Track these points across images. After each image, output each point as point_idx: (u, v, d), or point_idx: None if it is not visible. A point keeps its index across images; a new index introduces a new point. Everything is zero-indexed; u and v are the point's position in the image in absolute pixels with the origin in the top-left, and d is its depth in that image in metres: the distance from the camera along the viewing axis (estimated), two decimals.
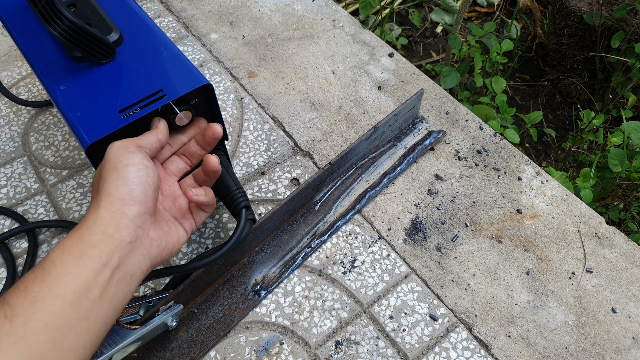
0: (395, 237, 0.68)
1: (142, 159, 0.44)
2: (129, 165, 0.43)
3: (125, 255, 0.40)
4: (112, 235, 0.39)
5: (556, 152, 1.31)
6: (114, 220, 0.40)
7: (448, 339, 0.60)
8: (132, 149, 0.45)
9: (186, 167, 0.53)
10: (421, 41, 1.59)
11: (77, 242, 0.38)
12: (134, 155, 0.44)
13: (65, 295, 0.36)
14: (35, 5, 0.48)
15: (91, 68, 0.54)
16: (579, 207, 0.71)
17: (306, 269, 0.65)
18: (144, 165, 0.44)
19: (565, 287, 0.64)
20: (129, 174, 0.42)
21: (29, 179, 0.74)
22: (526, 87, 1.48)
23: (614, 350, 0.59)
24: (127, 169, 0.42)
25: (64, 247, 0.38)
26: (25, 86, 0.85)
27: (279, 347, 0.59)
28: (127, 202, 0.41)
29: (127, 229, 0.40)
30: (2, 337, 0.33)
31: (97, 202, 0.41)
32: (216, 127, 0.51)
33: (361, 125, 0.80)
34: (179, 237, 0.47)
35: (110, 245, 0.39)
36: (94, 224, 0.40)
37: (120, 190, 0.41)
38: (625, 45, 1.25)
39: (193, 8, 0.98)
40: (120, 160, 0.43)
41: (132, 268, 0.40)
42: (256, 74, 0.87)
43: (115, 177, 0.42)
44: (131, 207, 0.41)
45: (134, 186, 0.42)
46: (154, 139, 0.48)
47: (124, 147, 0.44)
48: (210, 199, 0.50)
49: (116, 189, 0.41)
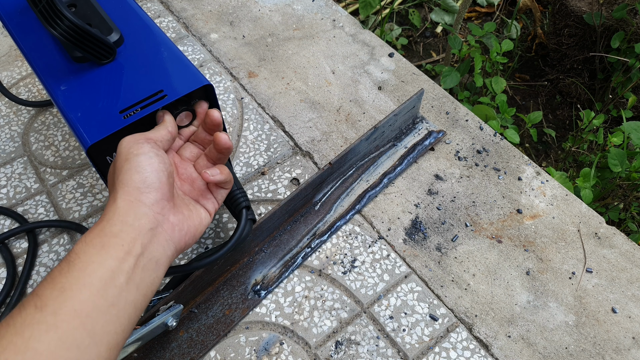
0: (395, 237, 0.68)
1: (152, 147, 0.45)
2: (139, 155, 0.43)
3: (147, 242, 0.40)
4: (132, 224, 0.40)
5: (556, 152, 1.31)
6: (132, 209, 0.41)
7: (448, 339, 0.60)
8: (142, 141, 0.45)
9: (200, 152, 0.54)
10: (421, 41, 1.59)
11: (99, 234, 0.39)
12: (144, 145, 0.45)
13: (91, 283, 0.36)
14: (35, 6, 0.48)
15: (91, 68, 0.54)
16: (579, 207, 0.71)
17: (306, 269, 0.65)
18: (155, 153, 0.44)
19: (565, 287, 0.64)
20: (141, 163, 0.43)
21: (29, 179, 0.74)
22: (526, 87, 1.48)
23: (614, 350, 0.59)
24: (138, 158, 0.43)
25: (86, 240, 0.39)
26: (25, 86, 0.85)
27: (279, 347, 0.59)
28: (142, 190, 0.42)
29: (146, 217, 0.41)
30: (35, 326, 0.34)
31: (113, 194, 0.42)
32: (213, 112, 0.51)
33: (361, 125, 0.80)
34: (201, 219, 0.48)
35: (131, 234, 0.39)
36: (113, 215, 0.40)
37: (134, 179, 0.42)
38: (625, 45, 1.25)
39: (193, 8, 0.98)
40: (131, 152, 0.44)
41: (156, 254, 0.41)
42: (256, 74, 0.87)
43: (128, 167, 0.43)
44: (147, 195, 0.42)
45: (147, 174, 0.43)
46: (164, 132, 0.49)
47: (134, 140, 0.45)
48: (226, 175, 0.51)
49: (130, 178, 0.42)
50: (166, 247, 0.42)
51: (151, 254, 0.40)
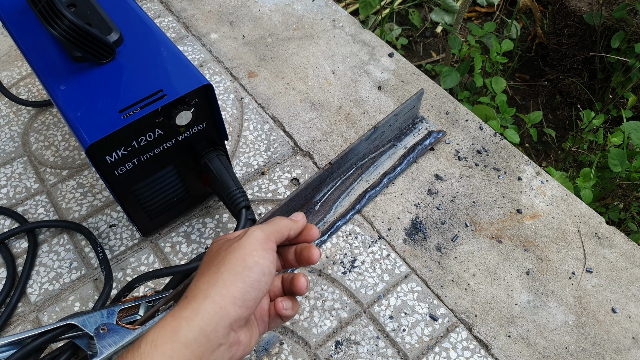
0: (395, 237, 0.68)
1: (272, 263, 0.42)
2: (258, 265, 0.41)
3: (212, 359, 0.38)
4: (208, 335, 0.37)
5: (556, 152, 1.31)
6: (215, 318, 0.38)
7: (448, 339, 0.60)
8: (269, 246, 0.43)
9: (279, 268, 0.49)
10: (421, 41, 1.59)
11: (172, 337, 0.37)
12: (267, 256, 0.42)
13: None
14: (35, 5, 0.48)
15: (91, 68, 0.54)
16: (579, 207, 0.71)
17: (306, 268, 0.65)
18: (269, 272, 0.42)
19: (565, 287, 0.64)
20: (253, 274, 0.40)
21: (29, 179, 0.74)
22: (526, 87, 1.48)
23: (614, 350, 0.59)
24: (254, 268, 0.40)
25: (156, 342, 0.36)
26: (25, 86, 0.85)
27: (279, 347, 0.59)
28: (236, 301, 0.39)
29: (224, 330, 0.39)
30: None
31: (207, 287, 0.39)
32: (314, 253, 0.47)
33: (361, 125, 0.80)
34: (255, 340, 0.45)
35: (202, 347, 0.37)
36: (195, 315, 0.38)
37: (237, 286, 0.39)
38: (625, 45, 1.25)
39: (193, 8, 0.98)
40: (253, 255, 0.41)
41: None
42: (256, 74, 0.87)
43: (239, 270, 0.40)
44: (237, 309, 0.39)
45: (251, 289, 0.40)
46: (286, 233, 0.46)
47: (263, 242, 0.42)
48: (294, 313, 0.48)
49: (233, 283, 0.39)
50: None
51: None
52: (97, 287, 0.64)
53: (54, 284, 0.64)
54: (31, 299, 0.63)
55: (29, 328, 0.60)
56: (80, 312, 0.52)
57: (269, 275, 0.41)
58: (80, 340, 0.51)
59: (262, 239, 0.42)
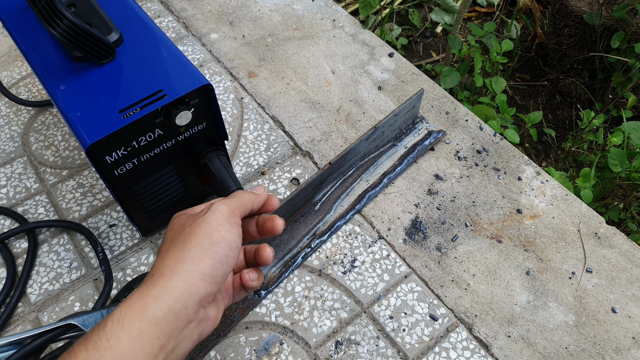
0: (395, 237, 0.68)
1: (238, 237, 0.42)
2: (225, 240, 0.40)
3: (183, 336, 0.38)
4: (177, 312, 0.37)
5: (556, 152, 1.31)
6: (185, 295, 0.37)
7: (448, 339, 0.60)
8: (234, 221, 0.42)
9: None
10: (421, 41, 1.59)
11: (139, 316, 0.35)
12: (233, 231, 0.41)
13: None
14: (35, 5, 0.48)
15: (91, 68, 0.54)
16: (579, 207, 0.71)
17: (306, 269, 0.65)
18: (236, 246, 0.41)
19: (565, 287, 0.64)
20: (220, 250, 0.40)
21: (29, 179, 0.74)
22: (526, 87, 1.48)
23: (614, 350, 0.59)
24: (221, 243, 0.40)
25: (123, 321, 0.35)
26: (25, 86, 0.85)
27: (279, 347, 0.59)
28: (205, 277, 0.38)
29: (194, 307, 0.38)
30: None
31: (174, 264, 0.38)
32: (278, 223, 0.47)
33: (361, 125, 0.80)
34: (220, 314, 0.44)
35: (172, 324, 0.36)
36: (163, 293, 0.36)
37: (205, 262, 0.39)
38: (625, 45, 1.25)
39: (193, 8, 0.98)
40: (219, 231, 0.40)
41: (184, 349, 0.38)
42: (256, 74, 0.87)
43: (207, 246, 0.39)
44: (206, 285, 0.38)
45: (219, 265, 0.39)
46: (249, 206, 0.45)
47: (229, 216, 0.42)
48: (259, 284, 0.48)
49: (201, 259, 0.38)
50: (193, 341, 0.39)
51: (180, 349, 0.38)
52: (97, 287, 0.64)
53: (54, 284, 0.64)
54: (31, 299, 0.63)
55: (29, 328, 0.60)
56: (80, 312, 0.52)
57: (236, 249, 0.41)
58: None
59: (228, 213, 0.42)
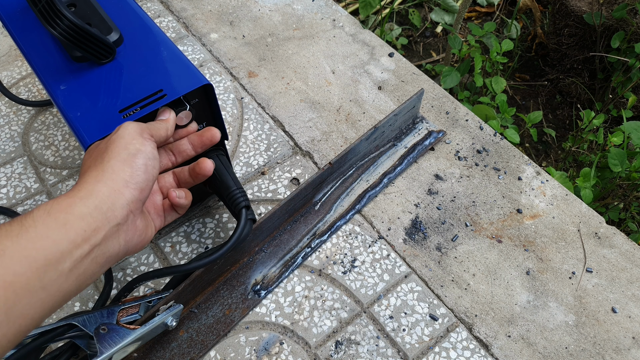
0: (395, 237, 0.68)
1: (153, 149, 0.44)
2: (140, 152, 0.43)
3: (109, 235, 0.39)
4: (104, 212, 0.38)
5: (556, 152, 1.31)
6: (110, 198, 0.39)
7: (448, 339, 0.60)
8: (146, 136, 0.45)
9: (168, 164, 0.53)
10: (421, 41, 1.59)
11: (66, 209, 0.37)
12: (147, 144, 0.44)
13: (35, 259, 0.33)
14: (35, 5, 0.48)
15: (91, 68, 0.54)
16: (579, 207, 0.71)
17: (306, 268, 0.65)
18: (153, 156, 0.44)
19: (565, 287, 0.64)
20: (138, 160, 0.42)
21: (29, 179, 0.74)
22: (526, 87, 1.48)
23: (614, 350, 0.59)
24: (138, 154, 0.42)
25: (50, 210, 0.36)
26: (25, 86, 0.85)
27: (279, 347, 0.59)
28: (129, 184, 0.41)
29: (121, 210, 0.40)
30: None
31: (96, 174, 0.40)
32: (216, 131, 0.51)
33: (361, 125, 0.80)
34: (151, 233, 0.47)
35: (98, 222, 0.38)
36: (89, 195, 0.38)
37: (125, 171, 0.41)
38: (625, 45, 1.25)
39: (193, 8, 0.98)
40: (133, 143, 0.43)
41: (111, 250, 0.39)
42: (256, 73, 0.87)
43: (125, 157, 0.42)
44: (131, 191, 0.41)
45: (140, 172, 0.42)
46: (163, 132, 0.48)
47: (140, 132, 0.44)
48: (188, 202, 0.50)
49: (122, 169, 0.41)
50: (122, 246, 0.41)
51: (107, 248, 0.39)
52: (97, 287, 0.64)
53: None
54: None
55: None
56: (80, 312, 0.52)
57: (154, 159, 0.44)
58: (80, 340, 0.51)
59: (138, 129, 0.44)
